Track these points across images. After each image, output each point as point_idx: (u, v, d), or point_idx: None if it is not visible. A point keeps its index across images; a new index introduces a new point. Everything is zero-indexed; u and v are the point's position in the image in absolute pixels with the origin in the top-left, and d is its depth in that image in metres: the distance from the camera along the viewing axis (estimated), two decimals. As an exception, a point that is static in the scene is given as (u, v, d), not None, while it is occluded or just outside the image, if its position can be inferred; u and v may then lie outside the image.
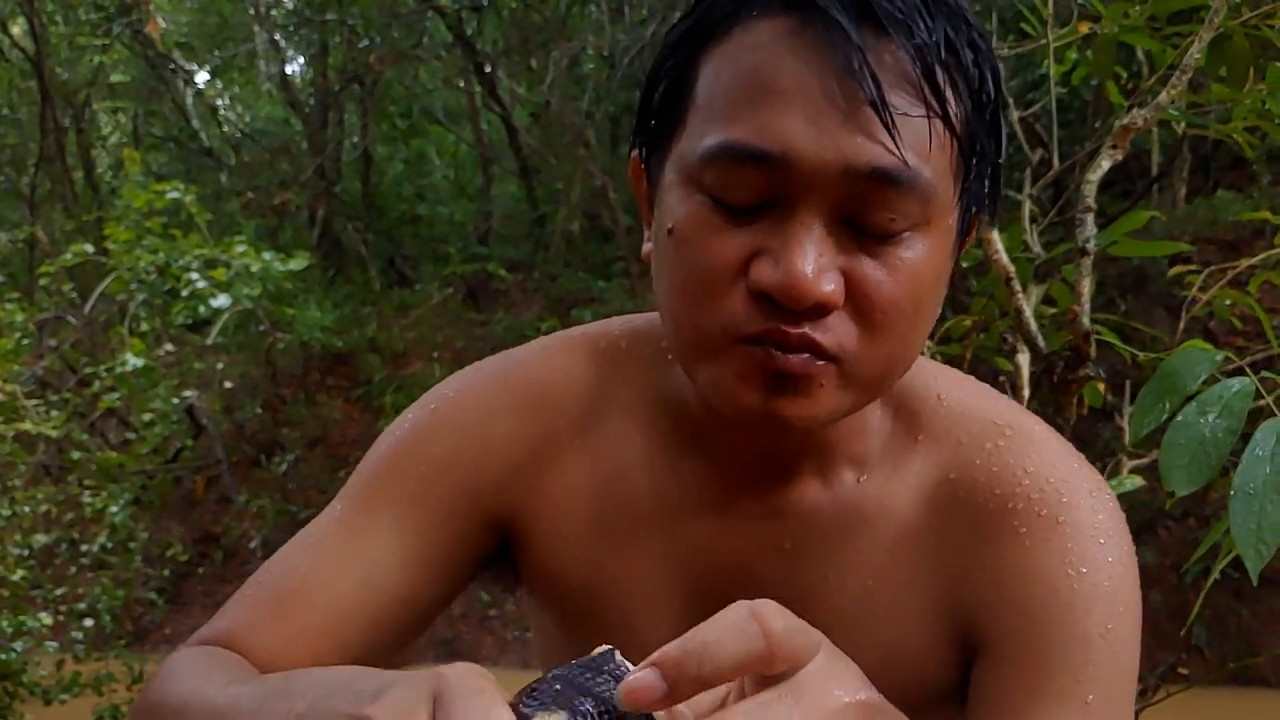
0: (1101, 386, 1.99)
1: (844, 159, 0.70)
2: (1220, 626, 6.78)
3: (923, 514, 0.86)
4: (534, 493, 0.92)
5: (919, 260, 0.74)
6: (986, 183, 0.80)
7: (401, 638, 0.91)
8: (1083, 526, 0.83)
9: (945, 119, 0.72)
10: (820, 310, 0.72)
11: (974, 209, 0.80)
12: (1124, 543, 0.84)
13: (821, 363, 0.74)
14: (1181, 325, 2.08)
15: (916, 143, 0.71)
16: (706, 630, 0.53)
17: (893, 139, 0.70)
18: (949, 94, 0.72)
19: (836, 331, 0.73)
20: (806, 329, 0.72)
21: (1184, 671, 2.00)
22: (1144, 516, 7.10)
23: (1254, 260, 2.04)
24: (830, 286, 0.72)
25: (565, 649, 1.01)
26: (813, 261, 0.71)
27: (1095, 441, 6.64)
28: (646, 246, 0.85)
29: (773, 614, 0.54)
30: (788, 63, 0.71)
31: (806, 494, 0.87)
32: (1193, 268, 2.30)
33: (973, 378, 0.95)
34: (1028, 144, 2.53)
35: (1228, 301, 2.28)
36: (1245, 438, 1.17)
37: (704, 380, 0.78)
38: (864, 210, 0.72)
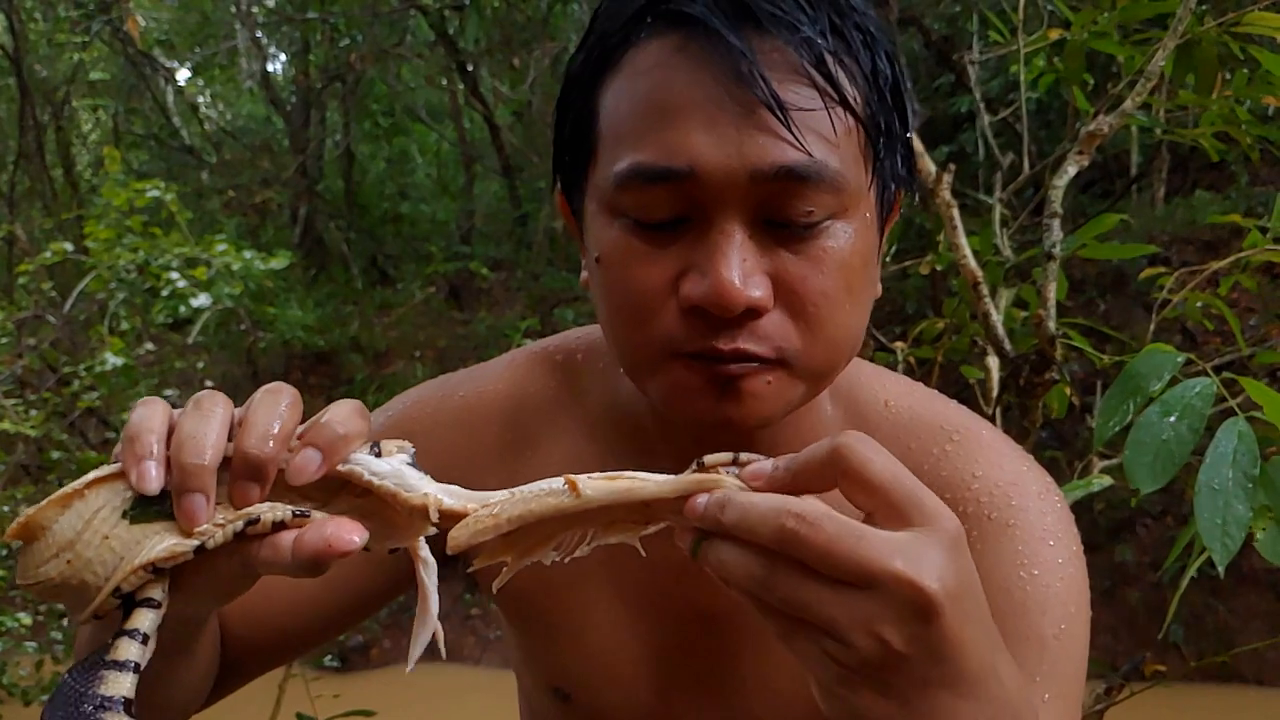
0: (1068, 391, 2.01)
1: (749, 164, 0.71)
2: (1198, 624, 6.82)
3: None
4: None
5: (843, 247, 0.75)
6: (899, 159, 0.81)
7: (342, 623, 0.97)
8: (1033, 529, 0.85)
9: (844, 104, 0.73)
10: (752, 314, 0.74)
11: (892, 186, 0.81)
12: (1073, 543, 0.86)
13: (761, 366, 0.75)
14: (1152, 327, 2.10)
15: (818, 134, 0.72)
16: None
17: (793, 135, 0.71)
18: (844, 80, 0.74)
19: (773, 334, 0.75)
20: (740, 342, 0.74)
21: (1161, 669, 2.02)
22: (1122, 515, 7.15)
23: (1222, 264, 2.07)
24: (758, 292, 0.73)
25: (520, 649, 1.04)
26: (737, 268, 0.72)
27: (1074, 440, 6.68)
28: (584, 274, 0.86)
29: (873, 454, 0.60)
30: (679, 78, 0.73)
31: None
32: (1164, 270, 2.33)
33: (920, 383, 0.96)
34: (1006, 146, 2.56)
35: (1199, 303, 2.31)
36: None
37: (653, 393, 0.80)
38: (779, 208, 0.73)
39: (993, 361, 1.91)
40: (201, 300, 6.08)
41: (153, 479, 0.62)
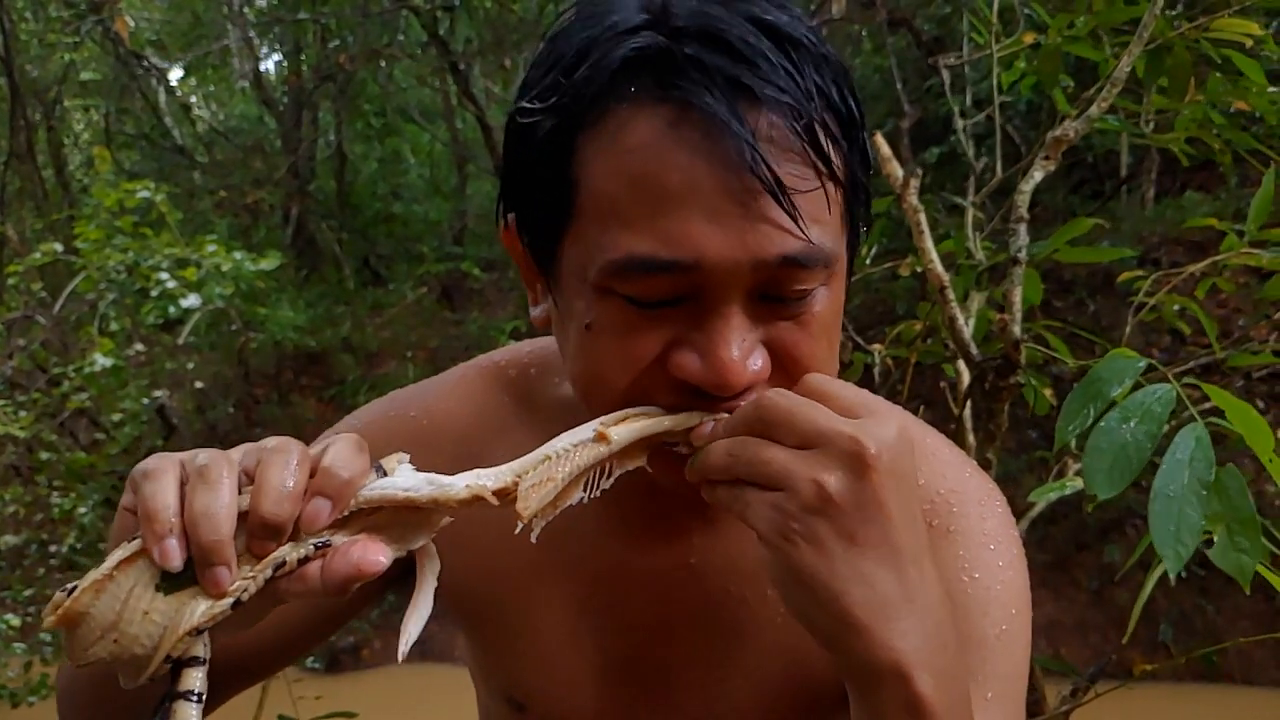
0: (1048, 392, 2.02)
1: (752, 255, 0.71)
2: (1186, 624, 6.84)
3: None
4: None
5: (827, 311, 0.77)
6: (866, 205, 0.81)
7: (308, 642, 0.98)
8: (973, 534, 0.86)
9: (834, 178, 0.73)
10: (749, 390, 0.75)
11: (862, 230, 0.82)
12: (1014, 547, 0.87)
13: None
14: (1128, 330, 2.11)
15: (814, 213, 0.72)
16: None
17: (796, 224, 0.70)
18: (829, 146, 0.73)
19: None
20: (734, 402, 0.75)
21: (1150, 668, 2.03)
22: (1111, 515, 7.17)
23: (1198, 266, 2.08)
24: (757, 365, 0.74)
25: (475, 659, 1.04)
26: (737, 348, 0.73)
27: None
28: (537, 312, 0.85)
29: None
30: (676, 161, 0.70)
31: (710, 512, 0.90)
32: (1141, 273, 2.34)
33: (867, 391, 0.97)
34: (992, 148, 2.56)
35: (1176, 306, 2.32)
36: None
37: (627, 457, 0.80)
38: (776, 288, 0.74)
39: (964, 364, 1.91)
40: (191, 301, 6.07)
41: (176, 556, 0.66)
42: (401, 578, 0.97)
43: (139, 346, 7.66)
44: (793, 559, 0.67)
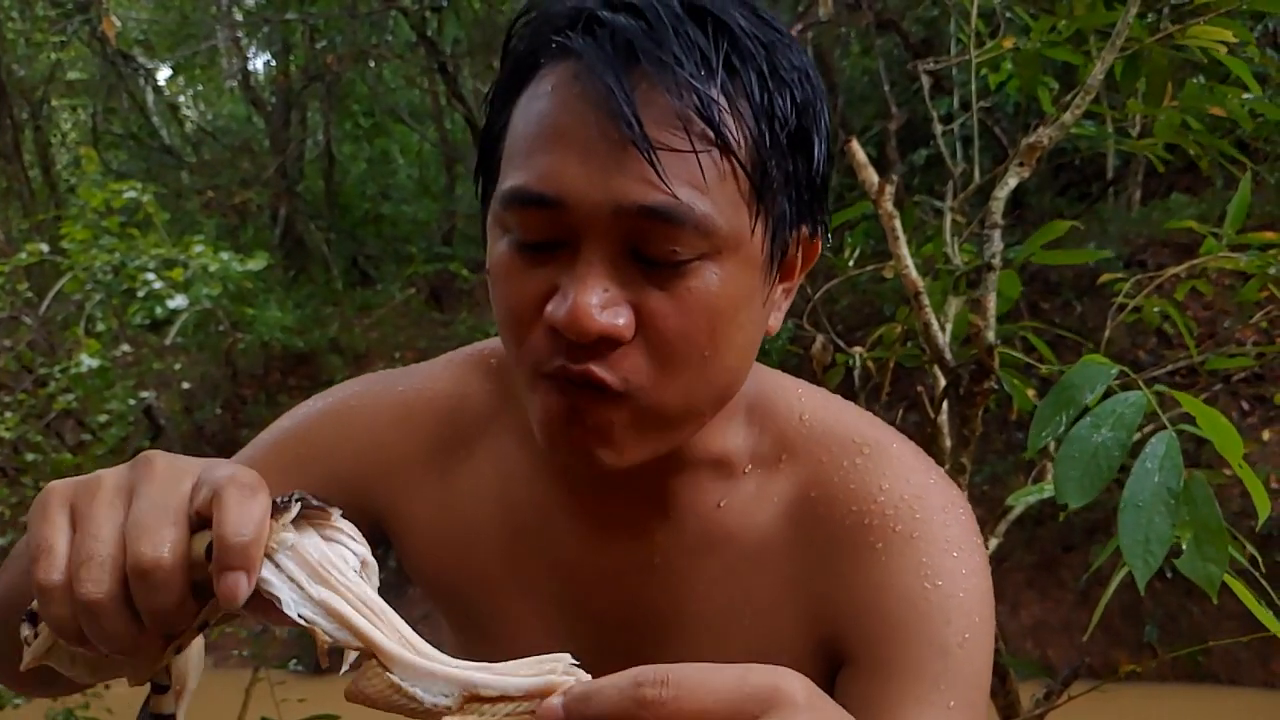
0: (1030, 393, 2.02)
1: (613, 199, 0.72)
2: (1172, 624, 6.88)
3: (785, 530, 0.89)
4: (410, 495, 0.96)
5: (710, 290, 0.75)
6: (802, 202, 0.81)
7: None
8: (936, 540, 0.86)
9: (723, 150, 0.74)
10: (609, 344, 0.74)
11: (795, 229, 0.82)
12: (977, 554, 0.88)
13: (607, 400, 0.76)
14: (1107, 333, 2.12)
15: (689, 177, 0.73)
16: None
17: (659, 175, 0.72)
18: (731, 124, 0.74)
19: (624, 367, 0.75)
20: (590, 365, 0.75)
21: (1136, 669, 2.04)
22: (1096, 517, 7.19)
23: (1178, 269, 2.08)
24: (619, 320, 0.74)
25: (455, 648, 1.05)
26: (596, 295, 0.73)
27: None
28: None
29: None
30: (566, 108, 0.74)
31: (673, 512, 0.90)
32: (1121, 275, 2.35)
33: (839, 396, 0.98)
34: (984, 150, 2.57)
35: (1156, 309, 2.33)
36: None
37: (531, 416, 0.81)
38: (645, 244, 0.74)
39: (939, 369, 1.92)
40: (178, 302, 6.05)
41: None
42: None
43: (126, 347, 7.63)
44: None
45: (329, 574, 0.60)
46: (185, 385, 9.89)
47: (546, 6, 0.80)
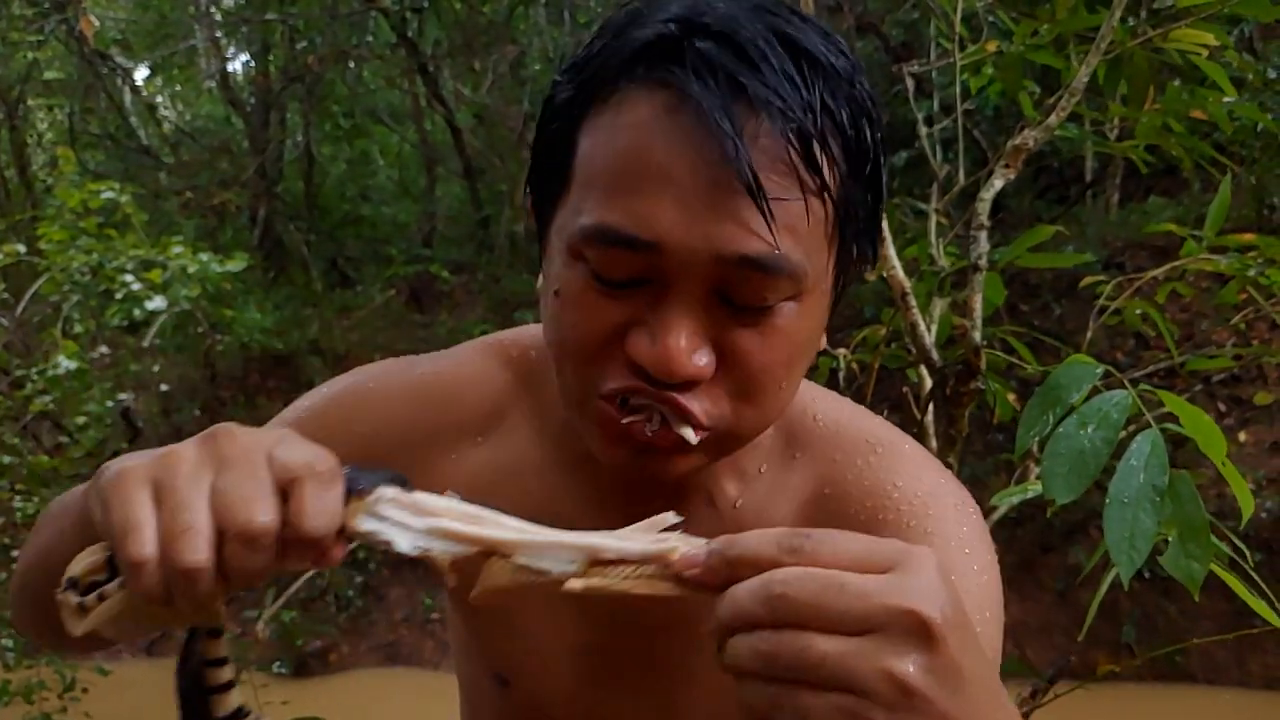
0: (1011, 397, 2.04)
1: (714, 248, 0.72)
2: (1149, 624, 6.92)
3: (800, 527, 0.90)
4: (425, 475, 0.96)
5: (792, 325, 0.77)
6: (866, 235, 0.81)
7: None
8: (949, 538, 0.87)
9: (821, 194, 0.73)
10: (691, 384, 0.75)
11: (855, 256, 0.82)
12: (988, 552, 0.89)
13: (686, 436, 0.77)
14: (1089, 335, 2.13)
15: (790, 224, 0.72)
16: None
17: (768, 227, 0.71)
18: (824, 164, 0.73)
19: (707, 399, 0.76)
20: (675, 395, 0.75)
21: (1115, 668, 2.05)
22: (1075, 517, 7.24)
23: (1158, 271, 2.11)
24: (703, 361, 0.74)
25: (466, 632, 1.06)
26: (685, 338, 0.73)
27: (1026, 444, 6.76)
28: (539, 284, 0.87)
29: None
30: (661, 145, 0.72)
31: (689, 510, 0.90)
32: (1102, 278, 2.37)
33: (848, 399, 0.99)
34: (965, 152, 2.58)
35: (1137, 311, 2.35)
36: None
37: (583, 428, 0.82)
38: (735, 290, 0.74)
39: (925, 370, 1.93)
40: (157, 303, 6.02)
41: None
42: None
43: (103, 349, 7.59)
44: None
45: (424, 504, 0.66)
46: (164, 387, 9.83)
47: (623, 27, 0.77)
